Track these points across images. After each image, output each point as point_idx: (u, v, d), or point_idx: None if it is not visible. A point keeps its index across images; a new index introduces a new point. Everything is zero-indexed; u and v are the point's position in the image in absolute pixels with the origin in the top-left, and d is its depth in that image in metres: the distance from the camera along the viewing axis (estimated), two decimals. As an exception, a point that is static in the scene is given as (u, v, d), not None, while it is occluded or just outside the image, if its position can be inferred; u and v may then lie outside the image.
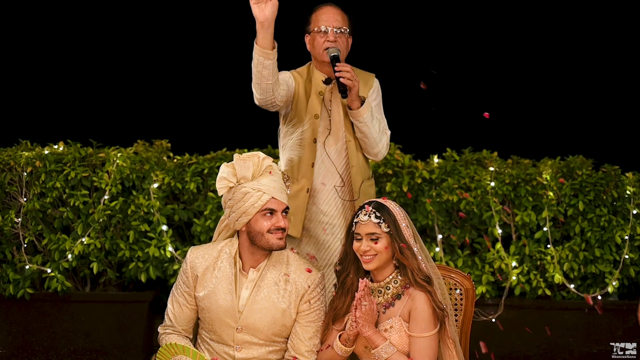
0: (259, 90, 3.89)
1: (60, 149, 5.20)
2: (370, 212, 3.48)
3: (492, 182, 5.09)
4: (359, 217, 3.49)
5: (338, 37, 4.06)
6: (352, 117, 4.06)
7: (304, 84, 4.17)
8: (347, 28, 4.11)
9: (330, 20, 4.07)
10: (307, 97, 4.15)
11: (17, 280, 5.01)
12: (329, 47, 4.04)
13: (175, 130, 5.89)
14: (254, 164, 3.57)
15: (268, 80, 3.85)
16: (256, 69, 3.83)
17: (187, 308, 3.66)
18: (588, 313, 5.07)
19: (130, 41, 6.26)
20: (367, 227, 3.47)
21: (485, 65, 6.22)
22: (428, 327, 3.41)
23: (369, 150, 4.14)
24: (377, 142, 4.10)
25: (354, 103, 4.01)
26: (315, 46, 4.10)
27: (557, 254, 5.05)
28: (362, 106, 4.02)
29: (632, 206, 5.09)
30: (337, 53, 4.02)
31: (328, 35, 4.06)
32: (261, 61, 3.80)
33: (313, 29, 4.10)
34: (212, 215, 5.10)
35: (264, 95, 3.90)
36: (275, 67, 3.83)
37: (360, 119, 4.03)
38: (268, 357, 3.62)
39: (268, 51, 3.78)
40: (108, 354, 5.13)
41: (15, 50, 6.27)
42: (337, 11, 4.11)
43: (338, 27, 4.07)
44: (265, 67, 3.81)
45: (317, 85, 4.16)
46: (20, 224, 5.05)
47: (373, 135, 4.08)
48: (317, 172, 4.16)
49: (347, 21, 4.13)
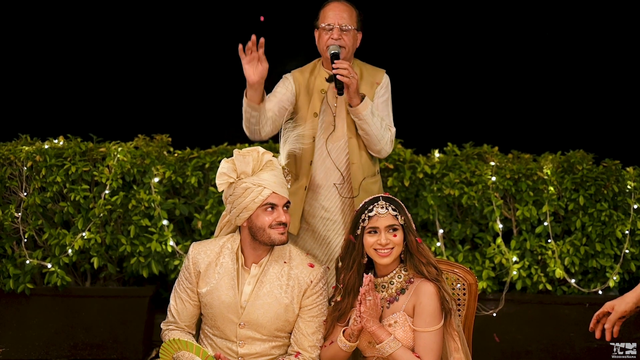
0: (246, 130, 4.13)
1: (60, 144, 5.18)
2: (387, 205, 3.48)
3: (493, 176, 5.09)
4: (376, 211, 3.48)
5: (343, 34, 4.05)
6: (352, 114, 4.05)
7: (307, 82, 4.17)
8: (354, 24, 4.10)
9: (336, 17, 4.06)
10: (310, 96, 4.15)
11: (17, 275, 5.00)
12: (331, 45, 4.05)
13: (176, 124, 5.88)
14: (254, 159, 3.57)
15: (255, 125, 4.06)
16: (244, 115, 4.05)
17: (190, 304, 3.65)
18: (589, 308, 5.07)
19: (131, 35, 6.24)
20: (386, 220, 3.46)
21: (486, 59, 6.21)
22: (433, 322, 3.40)
23: (372, 148, 4.13)
24: (380, 139, 4.09)
25: (354, 100, 4.00)
26: (321, 43, 4.12)
27: (557, 248, 5.06)
28: (361, 103, 4.01)
29: (632, 201, 5.09)
30: (338, 51, 4.02)
31: (333, 32, 4.05)
32: (249, 111, 4.01)
33: (320, 24, 4.10)
34: (213, 210, 5.09)
35: (250, 134, 4.14)
36: (262, 116, 4.03)
37: (360, 116, 4.02)
38: (271, 352, 3.62)
39: (255, 105, 3.98)
40: (108, 349, 5.12)
41: (15, 45, 6.25)
42: (345, 7, 4.09)
43: (344, 24, 4.06)
44: (253, 116, 4.02)
45: (320, 84, 4.16)
46: (20, 219, 5.04)
47: (374, 132, 4.06)
48: (317, 170, 4.16)
49: (355, 17, 4.11)
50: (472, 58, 6.22)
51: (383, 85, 4.19)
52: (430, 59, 6.23)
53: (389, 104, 4.21)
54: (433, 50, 6.21)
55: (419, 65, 6.18)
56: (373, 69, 4.21)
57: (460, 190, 5.07)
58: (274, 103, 4.14)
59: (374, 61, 4.28)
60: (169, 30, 6.25)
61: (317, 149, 4.16)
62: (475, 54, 6.22)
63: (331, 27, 4.06)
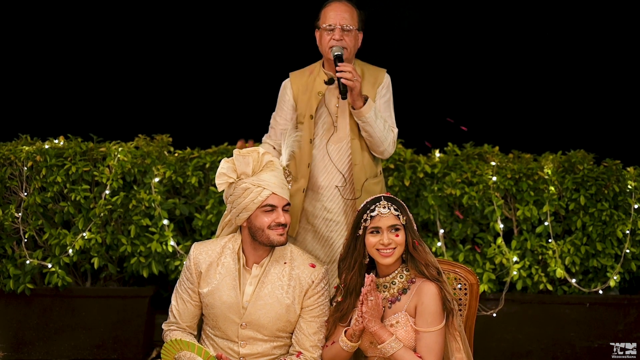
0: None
1: (60, 144, 5.18)
2: (389, 205, 3.47)
3: (493, 176, 5.08)
4: (378, 211, 3.47)
5: (345, 35, 4.03)
6: (356, 117, 4.03)
7: (306, 84, 4.17)
8: (356, 25, 4.07)
9: (338, 17, 4.03)
10: (308, 98, 4.14)
11: (18, 275, 4.99)
12: (333, 46, 4.02)
13: (176, 124, 5.87)
14: (254, 159, 3.57)
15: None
16: None
17: (191, 304, 3.65)
18: (589, 307, 5.08)
19: (131, 35, 6.23)
20: (389, 220, 3.46)
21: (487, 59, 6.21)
22: (435, 322, 3.40)
23: (375, 149, 4.12)
24: (383, 140, 4.07)
25: (357, 102, 3.99)
26: (322, 44, 4.09)
27: (558, 248, 5.05)
28: (364, 105, 4.00)
29: (633, 200, 5.09)
30: (341, 52, 4.00)
31: (334, 33, 4.03)
32: None
33: (321, 25, 4.08)
34: (213, 210, 5.08)
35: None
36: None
37: (363, 118, 4.01)
38: (272, 352, 3.62)
39: None
40: (109, 349, 5.12)
41: (15, 45, 6.24)
42: (346, 7, 4.06)
43: (345, 25, 4.03)
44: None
45: (318, 85, 4.15)
46: (20, 219, 5.03)
47: (377, 134, 4.05)
48: (318, 172, 4.15)
49: (357, 17, 4.09)
50: (472, 58, 6.22)
51: (384, 85, 4.17)
52: (431, 59, 6.22)
53: (390, 104, 4.20)
54: (434, 50, 6.21)
55: (419, 66, 6.17)
56: (374, 69, 4.20)
57: (461, 190, 5.07)
58: (283, 119, 4.21)
59: (375, 61, 4.27)
60: (169, 30, 6.24)
61: (318, 151, 4.15)
62: (475, 54, 6.21)
63: (332, 27, 4.03)
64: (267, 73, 4.87)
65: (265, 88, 4.63)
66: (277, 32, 6.06)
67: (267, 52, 6.12)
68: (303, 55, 4.32)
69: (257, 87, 5.63)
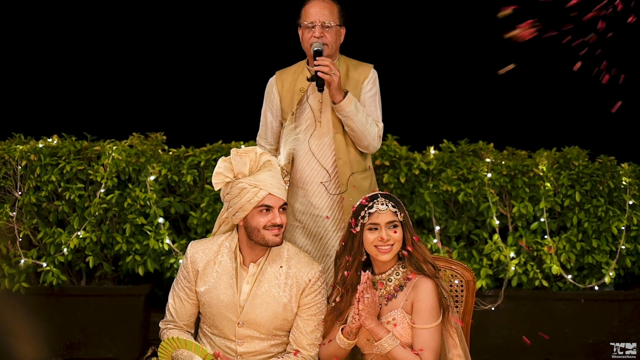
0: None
1: (54, 143, 5.16)
2: (387, 202, 3.48)
3: (489, 173, 5.09)
4: (377, 207, 3.48)
5: (325, 31, 4.05)
6: (336, 111, 4.07)
7: (290, 81, 4.20)
8: (336, 21, 4.09)
9: (317, 14, 4.05)
10: (291, 95, 4.16)
11: (13, 274, 4.97)
12: (313, 42, 4.05)
13: (171, 123, 5.86)
14: (251, 159, 3.56)
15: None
16: None
17: (188, 303, 3.64)
18: (584, 304, 5.08)
19: (125, 34, 6.23)
20: (387, 216, 3.46)
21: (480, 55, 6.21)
22: (431, 319, 3.40)
23: (359, 143, 4.13)
24: (366, 135, 4.08)
25: (336, 97, 4.02)
26: (304, 41, 4.12)
27: (554, 244, 5.06)
28: (344, 99, 4.01)
29: (628, 197, 5.10)
30: (321, 48, 4.03)
31: (315, 30, 4.05)
32: None
33: (302, 22, 4.11)
34: (208, 208, 5.08)
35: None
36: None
37: (344, 112, 4.03)
38: (270, 350, 3.61)
39: None
40: (104, 347, 5.11)
41: (9, 43, 6.23)
42: (325, 4, 4.08)
43: (325, 22, 4.05)
44: None
45: (300, 82, 4.18)
46: (15, 218, 5.02)
47: (359, 128, 4.06)
48: (303, 168, 4.16)
49: (337, 13, 4.10)
50: (466, 54, 6.22)
51: (370, 80, 4.18)
52: (424, 56, 6.22)
53: (376, 99, 4.20)
54: (427, 46, 6.21)
55: (413, 62, 6.18)
56: (359, 65, 4.21)
57: (457, 186, 5.07)
58: (272, 116, 4.26)
59: (367, 58, 4.27)
60: (163, 29, 6.24)
61: (301, 147, 4.16)
62: (469, 50, 6.21)
63: (313, 24, 4.05)
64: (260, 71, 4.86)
65: (258, 86, 4.62)
66: (270, 31, 6.05)
67: (260, 50, 6.11)
68: (297, 54, 4.32)
69: (250, 86, 5.61)
